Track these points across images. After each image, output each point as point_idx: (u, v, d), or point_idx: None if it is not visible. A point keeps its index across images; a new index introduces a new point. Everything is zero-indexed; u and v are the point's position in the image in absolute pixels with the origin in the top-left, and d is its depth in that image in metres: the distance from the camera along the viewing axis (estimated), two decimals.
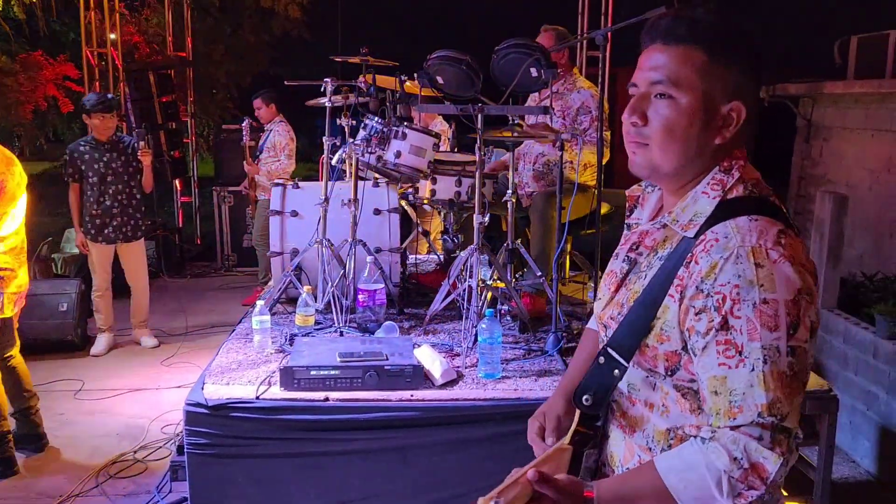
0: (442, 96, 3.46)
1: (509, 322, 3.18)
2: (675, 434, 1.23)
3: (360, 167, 3.30)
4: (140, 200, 5.06)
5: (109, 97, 5.10)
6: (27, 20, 7.60)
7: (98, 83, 7.23)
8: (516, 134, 3.16)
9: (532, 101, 3.89)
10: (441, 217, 3.91)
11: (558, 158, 3.04)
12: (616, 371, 1.25)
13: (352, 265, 3.22)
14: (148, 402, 4.25)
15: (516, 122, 3.27)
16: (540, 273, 3.22)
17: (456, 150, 4.06)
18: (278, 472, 2.45)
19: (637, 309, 1.23)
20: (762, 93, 5.60)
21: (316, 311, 3.10)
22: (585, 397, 1.29)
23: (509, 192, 3.19)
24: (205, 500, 2.47)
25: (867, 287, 4.12)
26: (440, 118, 5.37)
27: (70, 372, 4.70)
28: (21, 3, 6.85)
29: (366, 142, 3.20)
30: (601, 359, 1.28)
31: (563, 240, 2.99)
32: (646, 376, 1.26)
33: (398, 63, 3.54)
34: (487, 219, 3.03)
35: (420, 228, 4.26)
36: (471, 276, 2.94)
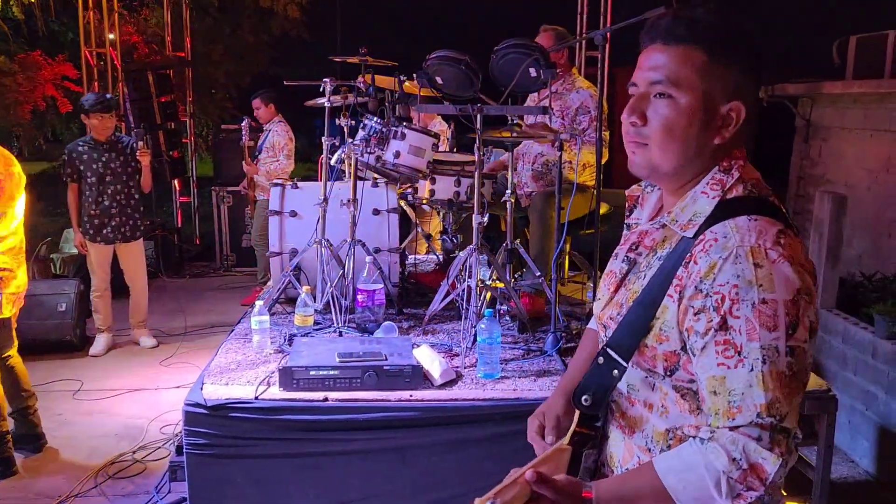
0: (441, 96, 3.46)
1: (508, 322, 3.18)
2: (675, 434, 1.22)
3: (359, 167, 3.30)
4: (139, 200, 5.06)
5: (108, 97, 5.10)
6: (26, 20, 7.59)
7: (97, 83, 7.22)
8: (515, 134, 3.16)
9: (531, 101, 3.89)
10: (440, 217, 3.91)
11: (557, 158, 3.04)
12: (615, 371, 1.25)
13: (351, 265, 3.22)
14: (147, 403, 4.25)
15: (515, 123, 3.28)
16: (539, 273, 3.22)
17: (455, 151, 4.06)
18: (277, 473, 2.45)
19: (636, 309, 1.23)
20: (761, 93, 5.60)
21: (315, 312, 3.10)
22: (584, 397, 1.29)
23: (508, 192, 3.19)
24: (204, 501, 2.47)
25: (866, 287, 4.12)
26: (439, 118, 5.36)
27: (69, 372, 4.70)
28: (20, 3, 6.84)
29: (365, 142, 3.20)
30: (600, 359, 1.27)
31: (562, 240, 2.99)
32: (645, 377, 1.25)
33: (397, 63, 3.54)
34: (486, 219, 3.03)
35: (419, 229, 4.26)
36: (470, 277, 2.94)
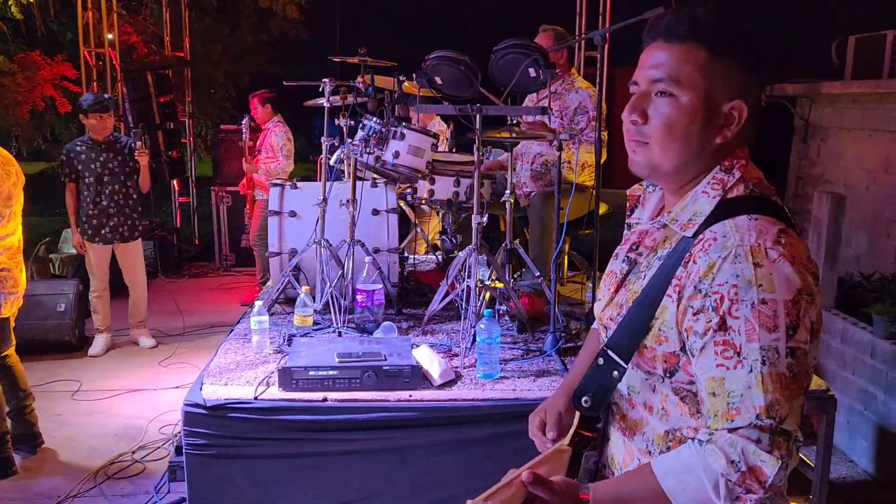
0: (440, 97, 3.46)
1: (508, 322, 3.18)
2: (674, 436, 1.22)
3: (359, 167, 3.30)
4: (137, 200, 5.05)
5: (106, 97, 5.10)
6: (25, 20, 7.57)
7: (96, 83, 7.22)
8: (514, 134, 3.16)
9: (530, 102, 3.89)
10: (439, 217, 3.91)
11: (556, 159, 3.04)
12: (615, 373, 1.24)
13: (350, 265, 3.22)
14: (146, 403, 4.24)
15: (515, 123, 3.28)
16: (538, 273, 3.22)
17: (454, 151, 4.06)
18: (277, 473, 2.45)
19: (635, 309, 1.22)
20: None
21: (314, 312, 3.10)
22: (584, 399, 1.28)
23: (507, 193, 3.19)
24: (203, 501, 2.47)
25: (865, 287, 4.12)
26: (438, 118, 5.36)
27: (68, 372, 4.69)
28: (18, 3, 6.83)
29: (364, 142, 3.20)
30: (600, 360, 1.26)
31: (562, 240, 2.99)
32: (645, 378, 1.24)
33: (397, 63, 3.54)
34: (486, 219, 3.03)
35: (419, 229, 4.26)
36: (469, 277, 2.94)
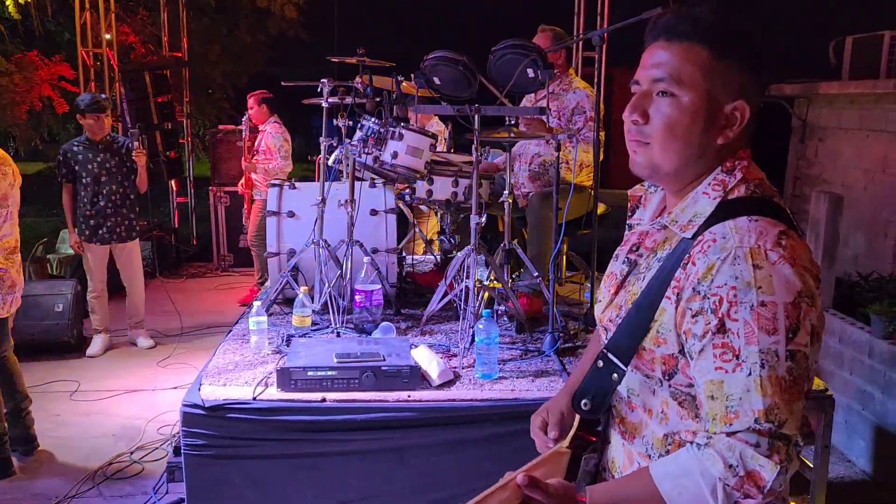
0: (439, 97, 3.46)
1: (506, 322, 3.18)
2: (673, 440, 1.21)
3: (357, 168, 3.30)
4: (134, 201, 5.05)
5: (103, 97, 5.10)
6: (22, 20, 7.56)
7: (93, 83, 7.21)
8: (512, 135, 3.16)
9: (528, 102, 3.90)
10: (438, 217, 3.90)
11: (554, 159, 3.04)
12: (614, 375, 1.23)
13: (348, 266, 3.22)
14: (144, 403, 4.24)
15: (513, 123, 3.28)
16: (536, 273, 3.22)
17: (452, 151, 4.06)
18: (275, 473, 2.45)
19: (634, 311, 1.21)
20: None
21: (313, 312, 3.10)
22: (584, 402, 1.26)
23: (506, 193, 3.19)
24: (202, 502, 2.46)
25: (862, 287, 4.13)
26: (436, 119, 5.37)
27: (66, 373, 4.69)
28: (16, 3, 6.81)
29: (362, 142, 3.20)
30: (599, 362, 1.25)
31: (560, 240, 3.00)
32: (644, 381, 1.23)
33: (396, 63, 3.54)
34: (484, 219, 3.03)
35: (418, 230, 4.26)
36: (468, 277, 2.94)
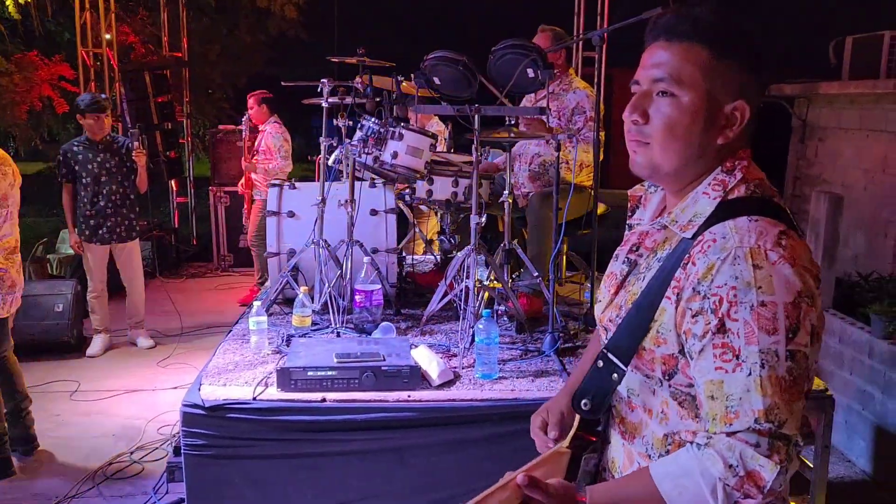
0: (439, 97, 3.46)
1: (506, 322, 3.18)
2: (673, 440, 1.21)
3: (357, 168, 3.30)
4: (134, 201, 5.05)
5: (103, 97, 5.10)
6: (22, 20, 7.57)
7: (93, 83, 7.21)
8: (512, 135, 3.16)
9: (528, 102, 3.90)
10: (438, 217, 3.91)
11: (554, 159, 3.04)
12: (614, 375, 1.23)
13: (348, 266, 3.22)
14: (144, 403, 4.24)
15: (513, 123, 3.28)
16: (536, 273, 3.22)
17: (452, 151, 4.06)
18: (275, 473, 2.45)
19: (634, 311, 1.21)
20: None
21: (313, 312, 3.10)
22: (584, 402, 1.26)
23: (506, 193, 3.19)
24: (201, 502, 2.46)
25: (862, 287, 4.13)
26: (436, 119, 5.37)
27: (66, 373, 4.69)
28: (16, 3, 6.82)
29: (362, 142, 3.20)
30: (599, 362, 1.25)
31: (560, 240, 3.00)
32: (644, 381, 1.23)
33: (396, 63, 3.54)
34: (484, 219, 3.03)
35: (418, 230, 4.26)
36: (468, 277, 2.94)
